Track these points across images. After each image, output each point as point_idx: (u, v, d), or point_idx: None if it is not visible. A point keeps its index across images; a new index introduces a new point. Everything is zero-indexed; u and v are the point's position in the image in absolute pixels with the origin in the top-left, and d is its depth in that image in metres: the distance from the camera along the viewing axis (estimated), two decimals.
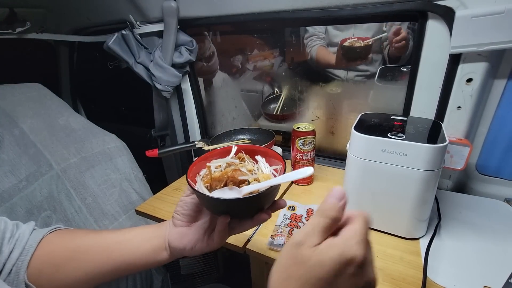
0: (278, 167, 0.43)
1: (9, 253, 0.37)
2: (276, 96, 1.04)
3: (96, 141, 0.98)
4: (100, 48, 0.92)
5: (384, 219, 0.59)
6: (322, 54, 0.87)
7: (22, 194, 0.77)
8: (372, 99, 0.85)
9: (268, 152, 0.45)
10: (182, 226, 0.43)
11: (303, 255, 0.25)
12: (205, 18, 0.87)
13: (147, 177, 1.09)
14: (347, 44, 0.83)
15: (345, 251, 0.24)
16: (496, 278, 0.47)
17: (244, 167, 0.42)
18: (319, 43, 0.87)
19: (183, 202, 0.43)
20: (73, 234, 0.44)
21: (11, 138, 0.82)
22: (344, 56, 0.85)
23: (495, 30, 0.54)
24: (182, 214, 0.43)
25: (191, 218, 0.43)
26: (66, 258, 0.40)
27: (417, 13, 0.64)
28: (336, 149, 0.96)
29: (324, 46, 0.87)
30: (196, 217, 0.43)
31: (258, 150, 0.45)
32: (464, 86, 0.63)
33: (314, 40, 0.87)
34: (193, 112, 1.10)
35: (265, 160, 0.44)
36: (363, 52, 0.82)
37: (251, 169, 0.42)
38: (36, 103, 0.95)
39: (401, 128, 0.56)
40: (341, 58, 0.85)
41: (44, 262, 0.39)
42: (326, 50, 0.86)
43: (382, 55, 0.80)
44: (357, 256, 0.24)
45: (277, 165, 0.43)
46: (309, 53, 0.90)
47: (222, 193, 0.39)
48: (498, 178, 0.70)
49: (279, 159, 0.43)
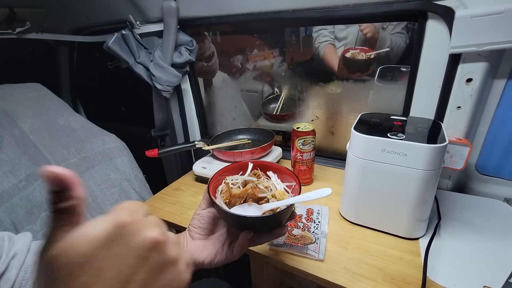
0: (292, 184, 0.46)
1: (3, 271, 0.35)
2: (276, 96, 1.04)
3: (96, 141, 0.98)
4: (100, 48, 0.92)
5: (384, 219, 0.59)
6: (328, 55, 0.85)
7: (22, 194, 0.77)
8: (372, 99, 0.85)
9: (280, 168, 0.48)
10: (200, 239, 0.43)
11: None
12: (205, 18, 0.87)
13: (147, 177, 1.09)
14: (348, 56, 0.81)
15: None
16: (496, 278, 0.47)
17: (261, 184, 0.44)
18: (328, 40, 0.84)
19: (199, 216, 0.43)
20: None
21: (11, 138, 0.82)
22: (345, 66, 0.84)
23: (495, 30, 0.54)
24: (199, 227, 0.43)
25: (208, 231, 0.44)
26: None
27: (417, 13, 0.65)
28: (336, 149, 0.96)
29: (333, 44, 0.84)
30: (213, 230, 0.44)
31: (270, 166, 0.48)
32: (464, 86, 0.63)
33: (324, 35, 0.84)
34: (193, 112, 1.10)
35: (277, 176, 0.47)
36: (365, 66, 0.80)
37: (267, 186, 0.45)
38: (36, 103, 0.95)
39: (401, 128, 0.56)
40: (342, 68, 0.84)
41: None
42: (333, 50, 0.84)
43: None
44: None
45: (290, 182, 0.46)
46: (316, 48, 0.87)
47: (242, 209, 0.41)
48: (498, 178, 0.70)
49: (292, 177, 0.46)
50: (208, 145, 0.90)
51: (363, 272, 0.51)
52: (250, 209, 0.41)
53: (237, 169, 0.48)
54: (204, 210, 0.44)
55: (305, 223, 0.63)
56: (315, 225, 0.62)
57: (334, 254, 0.55)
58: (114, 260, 0.20)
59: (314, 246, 0.56)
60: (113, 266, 0.19)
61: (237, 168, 0.48)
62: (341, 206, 0.67)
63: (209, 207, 0.44)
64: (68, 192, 0.21)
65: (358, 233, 0.61)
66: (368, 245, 0.57)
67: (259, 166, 0.48)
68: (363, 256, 0.55)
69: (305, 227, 0.61)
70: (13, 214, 0.74)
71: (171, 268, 0.23)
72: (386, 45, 0.76)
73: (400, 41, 0.75)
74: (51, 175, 0.20)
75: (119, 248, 0.20)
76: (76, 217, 0.21)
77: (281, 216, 0.40)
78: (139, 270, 0.21)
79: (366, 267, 0.52)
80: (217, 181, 0.46)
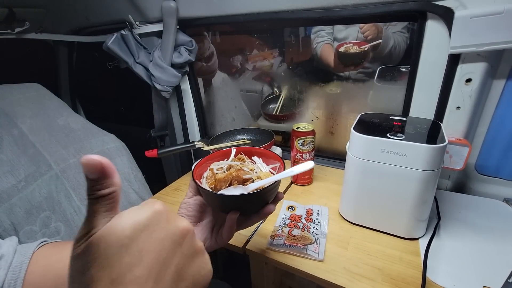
0: (276, 165, 0.46)
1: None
2: (275, 96, 1.04)
3: (95, 141, 0.98)
4: (99, 48, 0.92)
5: (383, 219, 0.59)
6: (325, 53, 0.86)
7: (21, 194, 0.77)
8: (371, 99, 0.85)
9: (265, 152, 0.48)
10: None
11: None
12: (204, 18, 0.87)
13: (146, 177, 1.08)
14: (342, 50, 0.83)
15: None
16: (495, 278, 0.47)
17: (246, 167, 0.45)
18: (325, 40, 0.85)
19: (186, 204, 0.43)
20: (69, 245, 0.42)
21: (10, 138, 0.82)
22: (339, 61, 0.85)
23: (494, 31, 0.54)
24: (187, 215, 0.43)
25: (196, 218, 0.44)
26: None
27: (417, 13, 0.65)
28: (336, 149, 0.96)
29: (330, 43, 0.85)
30: (200, 217, 0.44)
31: (255, 151, 0.49)
32: (463, 86, 0.63)
33: (321, 35, 0.85)
34: (193, 112, 1.10)
35: (262, 160, 0.48)
36: (358, 58, 0.82)
37: (252, 168, 0.45)
38: (35, 103, 0.95)
39: (401, 128, 0.56)
40: (337, 63, 0.85)
41: (45, 275, 0.37)
42: (330, 49, 0.86)
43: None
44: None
45: (275, 164, 0.46)
46: (314, 49, 0.88)
47: (228, 192, 0.41)
48: (497, 178, 0.70)
49: (277, 158, 0.46)
50: (207, 145, 0.90)
51: (363, 272, 0.51)
52: (235, 191, 0.41)
53: (222, 156, 0.48)
54: (190, 199, 0.44)
55: (305, 223, 0.63)
56: (314, 225, 0.62)
57: (333, 254, 0.55)
58: (154, 243, 0.21)
59: (313, 246, 0.56)
60: (154, 248, 0.21)
61: (222, 156, 0.48)
62: (340, 206, 0.67)
63: (196, 195, 0.44)
64: (106, 179, 0.22)
65: (357, 233, 0.61)
66: (367, 245, 0.57)
67: (244, 152, 0.49)
68: (363, 256, 0.55)
69: (304, 228, 0.61)
70: (12, 215, 0.74)
71: (200, 256, 0.26)
72: (390, 45, 0.76)
73: (401, 40, 0.75)
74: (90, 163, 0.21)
75: (158, 232, 0.22)
76: (114, 203, 0.23)
77: (266, 193, 0.39)
78: (175, 254, 0.23)
79: (366, 267, 0.52)
80: (202, 168, 0.46)
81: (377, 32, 0.76)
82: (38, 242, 0.42)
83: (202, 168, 0.46)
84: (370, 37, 0.77)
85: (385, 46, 0.77)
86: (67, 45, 1.29)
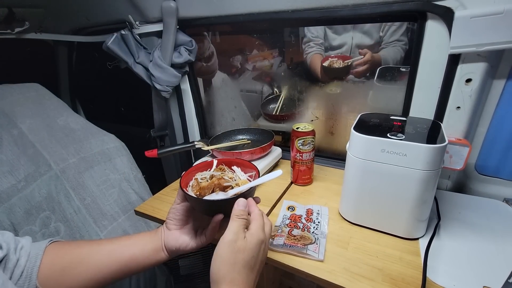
0: (253, 173, 0.53)
1: (17, 260, 0.42)
2: (275, 96, 1.04)
3: (95, 141, 0.98)
4: (99, 48, 0.92)
5: (383, 219, 0.59)
6: (314, 64, 0.90)
7: (21, 194, 0.77)
8: (371, 99, 0.85)
9: (243, 162, 0.56)
10: (176, 229, 0.51)
11: (239, 246, 0.39)
12: (204, 18, 0.87)
13: (146, 177, 1.08)
14: (326, 64, 0.87)
15: (260, 237, 0.41)
16: (496, 278, 0.47)
17: (226, 176, 0.52)
18: (315, 51, 0.89)
19: (174, 210, 0.51)
20: (76, 243, 0.50)
21: (10, 139, 0.82)
22: (325, 74, 0.89)
23: (494, 31, 0.54)
24: (174, 219, 0.51)
25: (182, 222, 0.51)
26: (72, 263, 0.45)
27: (417, 14, 0.65)
28: (336, 149, 0.96)
29: (320, 53, 0.88)
30: (186, 221, 0.52)
31: (234, 162, 0.56)
32: (464, 86, 0.63)
33: (311, 46, 0.89)
34: (193, 112, 1.10)
35: (240, 169, 0.55)
36: (342, 73, 0.85)
37: (232, 177, 0.52)
38: (35, 103, 0.95)
39: (401, 128, 0.56)
40: (323, 75, 0.89)
41: (51, 267, 0.44)
42: (319, 59, 0.89)
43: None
44: (265, 238, 0.42)
45: (251, 172, 0.54)
46: (306, 58, 0.91)
47: (212, 198, 0.48)
48: (497, 178, 0.70)
49: (253, 168, 0.53)
50: (207, 145, 0.90)
51: (363, 272, 0.51)
52: (217, 197, 0.48)
53: (205, 167, 0.55)
54: (178, 205, 0.51)
55: (305, 223, 0.63)
56: (314, 225, 0.62)
57: (333, 254, 0.55)
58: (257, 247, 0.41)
59: (314, 246, 0.56)
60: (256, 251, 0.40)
61: (205, 166, 0.55)
62: (340, 206, 0.67)
63: (183, 202, 0.51)
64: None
65: (357, 233, 0.61)
66: (367, 245, 0.57)
67: (224, 162, 0.56)
68: (363, 256, 0.55)
69: (304, 228, 0.61)
70: (12, 215, 0.74)
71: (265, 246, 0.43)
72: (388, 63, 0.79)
73: (397, 52, 0.76)
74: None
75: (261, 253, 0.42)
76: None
77: (245, 197, 0.46)
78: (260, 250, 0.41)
79: (366, 267, 0.52)
80: (188, 178, 0.53)
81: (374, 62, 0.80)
82: (47, 241, 0.47)
83: (187, 177, 0.52)
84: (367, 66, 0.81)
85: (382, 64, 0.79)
86: (67, 45, 1.29)
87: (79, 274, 0.45)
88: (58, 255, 0.45)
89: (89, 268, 0.45)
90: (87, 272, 0.45)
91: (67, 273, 0.44)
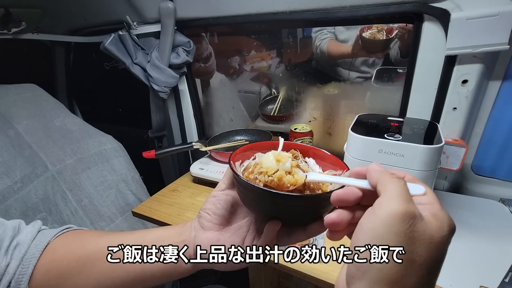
0: (337, 173, 0.33)
1: (6, 266, 0.33)
2: (273, 97, 1.04)
3: (93, 142, 0.98)
4: (97, 49, 0.91)
5: None
6: (334, 46, 0.86)
7: (17, 195, 0.76)
8: (368, 100, 0.85)
9: (323, 155, 0.36)
10: (213, 230, 0.34)
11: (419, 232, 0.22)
12: (202, 19, 0.87)
13: (144, 178, 1.08)
14: (366, 36, 0.76)
15: (450, 224, 0.23)
16: (492, 278, 0.48)
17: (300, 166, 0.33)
18: (330, 36, 0.86)
19: (215, 199, 0.34)
20: (84, 238, 0.38)
21: (6, 139, 0.81)
22: (363, 47, 0.79)
23: (490, 32, 0.54)
24: (214, 213, 0.34)
25: (224, 220, 0.34)
26: (74, 268, 0.35)
27: (413, 15, 0.65)
28: (333, 150, 0.96)
29: (334, 39, 0.86)
30: (229, 220, 0.35)
31: (311, 152, 0.37)
32: (460, 88, 0.63)
33: (324, 33, 0.86)
34: (190, 113, 1.10)
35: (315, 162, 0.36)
36: (384, 46, 0.76)
37: (305, 170, 0.33)
38: (31, 104, 0.95)
39: (398, 129, 0.57)
40: (359, 48, 0.79)
41: (48, 272, 0.34)
42: (337, 42, 0.86)
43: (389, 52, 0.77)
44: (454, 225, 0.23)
45: (335, 171, 0.34)
46: (318, 47, 0.88)
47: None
48: (493, 179, 0.71)
49: (340, 165, 0.34)
50: (205, 146, 0.90)
51: None
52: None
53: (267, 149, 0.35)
54: (222, 192, 0.34)
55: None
56: None
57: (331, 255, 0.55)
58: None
59: (311, 247, 0.56)
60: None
61: (267, 148, 0.35)
62: None
63: (229, 189, 0.34)
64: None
65: None
66: None
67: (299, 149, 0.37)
68: None
69: None
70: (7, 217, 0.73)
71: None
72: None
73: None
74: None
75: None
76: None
77: (326, 200, 0.27)
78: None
79: None
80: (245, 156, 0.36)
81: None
82: (62, 228, 0.38)
83: (244, 156, 0.35)
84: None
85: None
86: (64, 46, 1.28)
87: (82, 282, 0.34)
88: (56, 257, 0.35)
89: (88, 281, 0.34)
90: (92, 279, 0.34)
91: (63, 285, 0.34)
